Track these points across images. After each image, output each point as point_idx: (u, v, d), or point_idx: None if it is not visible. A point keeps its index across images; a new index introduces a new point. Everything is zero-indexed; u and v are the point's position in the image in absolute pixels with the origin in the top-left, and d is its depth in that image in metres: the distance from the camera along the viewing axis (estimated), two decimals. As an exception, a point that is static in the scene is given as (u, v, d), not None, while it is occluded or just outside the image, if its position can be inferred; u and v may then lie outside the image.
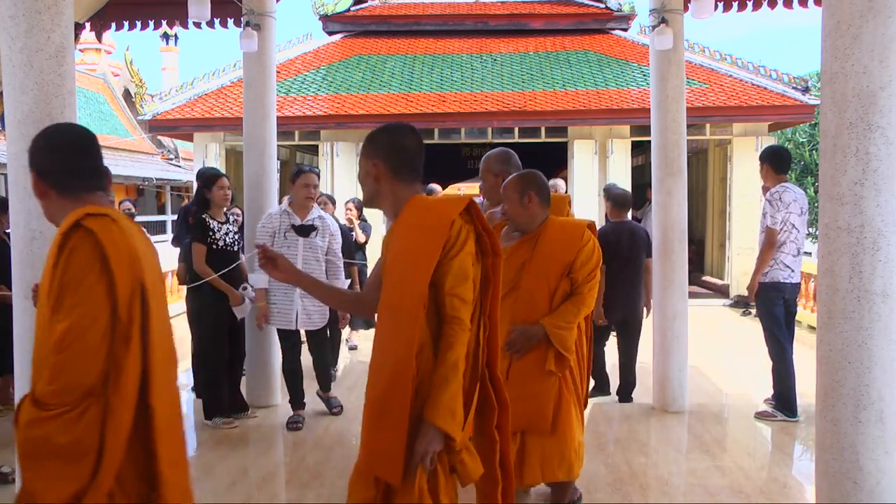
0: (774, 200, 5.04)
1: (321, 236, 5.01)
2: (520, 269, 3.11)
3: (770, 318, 5.15)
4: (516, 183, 3.14)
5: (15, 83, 2.95)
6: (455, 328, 2.09)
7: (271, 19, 5.83)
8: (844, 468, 2.75)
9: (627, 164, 11.56)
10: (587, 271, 3.07)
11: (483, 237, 2.20)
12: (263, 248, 2.37)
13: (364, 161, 2.34)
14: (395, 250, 2.20)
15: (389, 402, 2.08)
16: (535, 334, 3.03)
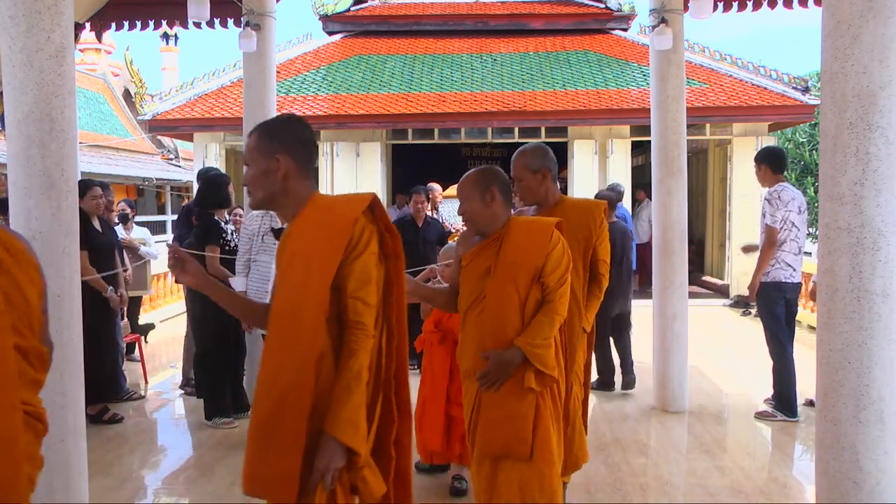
0: (773, 199, 5.04)
1: None
2: (483, 276, 2.75)
3: (771, 317, 5.14)
4: (476, 179, 2.82)
5: (15, 83, 2.95)
6: (358, 334, 1.96)
7: (271, 19, 5.83)
8: (844, 468, 2.75)
9: (627, 164, 11.56)
10: (558, 276, 2.72)
11: (386, 238, 2.09)
12: (173, 249, 2.20)
13: (261, 157, 2.08)
14: (291, 252, 2.05)
15: (283, 417, 1.91)
16: (513, 360, 2.64)
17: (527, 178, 3.27)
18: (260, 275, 4.74)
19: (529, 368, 2.62)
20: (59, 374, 2.96)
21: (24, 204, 2.95)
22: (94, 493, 3.49)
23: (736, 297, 11.23)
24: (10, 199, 3.03)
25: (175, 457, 4.56)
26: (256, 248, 4.74)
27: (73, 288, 3.04)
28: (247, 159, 2.13)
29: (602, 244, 3.32)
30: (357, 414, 1.91)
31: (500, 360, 2.64)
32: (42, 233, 2.94)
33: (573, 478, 4.10)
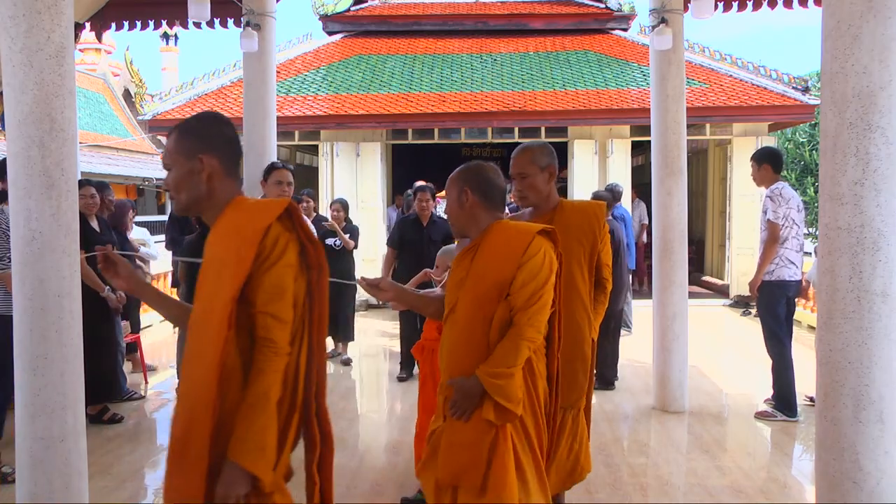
0: (775, 196, 5.05)
1: None
2: (458, 287, 2.50)
3: (772, 316, 5.14)
4: (452, 179, 2.61)
5: (15, 83, 2.95)
6: (266, 352, 1.82)
7: (271, 19, 5.84)
8: (844, 468, 2.75)
9: (627, 164, 11.56)
10: (529, 293, 2.37)
11: (308, 248, 1.93)
12: (104, 252, 2.09)
13: (184, 159, 1.96)
14: (208, 259, 1.94)
15: (190, 438, 1.81)
16: (474, 390, 2.38)
17: (533, 175, 3.10)
18: None
19: (490, 399, 2.36)
20: (59, 374, 2.96)
21: (24, 204, 2.95)
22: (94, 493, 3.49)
23: (736, 297, 11.23)
24: (10, 199, 3.02)
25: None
26: None
27: (73, 288, 3.04)
28: (167, 162, 2.00)
29: (605, 247, 3.21)
30: (263, 437, 1.78)
31: (463, 391, 2.40)
32: (42, 233, 2.94)
33: (573, 478, 4.10)
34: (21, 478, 2.99)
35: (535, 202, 3.17)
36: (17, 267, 2.99)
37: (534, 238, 2.43)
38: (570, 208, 3.19)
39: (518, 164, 3.13)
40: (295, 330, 1.89)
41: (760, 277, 5.12)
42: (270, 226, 1.85)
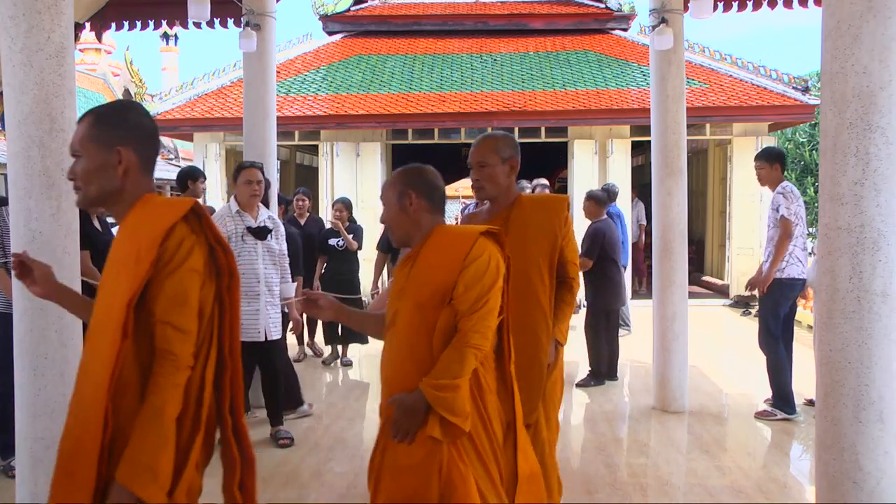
0: (788, 193, 5.07)
1: (275, 238, 4.70)
2: (398, 297, 2.34)
3: (773, 314, 5.13)
4: (392, 182, 2.42)
5: (15, 83, 2.95)
6: (165, 365, 1.68)
7: (271, 19, 5.84)
8: (844, 468, 2.75)
9: (627, 164, 11.56)
10: (474, 297, 2.20)
11: (217, 252, 1.80)
12: (18, 256, 1.99)
13: (98, 148, 1.80)
14: (110, 262, 1.81)
15: (79, 455, 1.68)
16: (417, 406, 2.19)
17: (493, 166, 2.90)
18: (244, 279, 4.43)
19: (435, 414, 2.17)
20: (59, 375, 2.96)
21: (24, 204, 2.95)
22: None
23: (736, 296, 11.23)
24: (10, 199, 3.02)
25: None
26: (236, 251, 4.44)
27: (73, 288, 3.04)
28: (76, 149, 1.83)
29: (569, 244, 2.98)
30: (156, 458, 1.64)
31: (405, 407, 2.20)
32: (42, 233, 2.94)
33: (572, 478, 4.10)
34: (21, 478, 2.99)
35: (493, 195, 2.96)
36: (17, 267, 2.98)
37: (477, 240, 2.27)
38: (528, 204, 3.00)
39: (478, 153, 2.93)
40: (201, 341, 1.76)
41: (772, 274, 5.07)
42: (174, 227, 1.71)
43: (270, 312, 4.64)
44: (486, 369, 2.31)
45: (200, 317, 1.75)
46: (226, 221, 4.55)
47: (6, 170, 3.12)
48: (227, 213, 4.61)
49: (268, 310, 4.62)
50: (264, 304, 4.59)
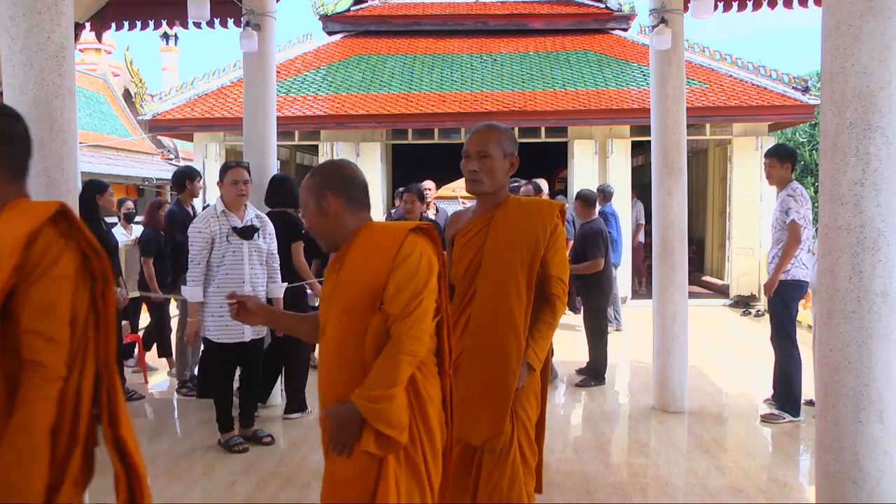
0: (798, 196, 5.02)
1: (262, 238, 4.63)
2: (327, 304, 2.19)
3: (787, 316, 5.13)
4: (307, 185, 2.24)
5: (15, 83, 2.95)
6: (34, 377, 1.58)
7: (271, 19, 5.84)
8: (844, 468, 2.75)
9: (627, 164, 11.56)
10: (405, 300, 2.04)
11: (90, 257, 1.71)
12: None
13: None
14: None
15: None
16: (352, 418, 2.05)
17: (496, 159, 2.66)
18: (229, 280, 4.46)
19: (370, 427, 2.04)
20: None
21: (24, 204, 2.95)
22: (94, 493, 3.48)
23: (736, 296, 11.23)
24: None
25: (175, 457, 4.56)
26: (221, 252, 4.46)
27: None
28: None
29: (556, 255, 2.65)
30: (22, 476, 1.55)
31: (339, 420, 2.08)
32: (42, 233, 2.94)
33: (572, 478, 4.10)
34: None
35: (489, 190, 2.69)
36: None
37: (406, 237, 2.10)
38: (515, 206, 2.72)
39: (480, 141, 2.65)
40: (74, 350, 1.66)
41: (777, 279, 5.06)
42: (38, 231, 1.60)
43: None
44: (426, 376, 2.15)
45: (73, 325, 1.66)
46: (210, 222, 4.49)
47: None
48: (212, 214, 4.55)
49: None
50: None
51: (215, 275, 4.49)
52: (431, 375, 2.18)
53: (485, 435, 2.59)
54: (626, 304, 11.17)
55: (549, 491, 3.92)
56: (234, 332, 4.51)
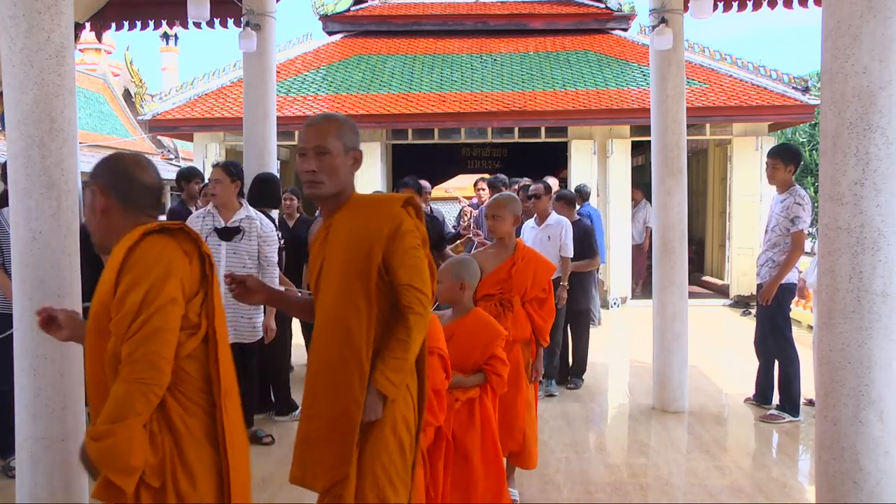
0: (806, 203, 4.99)
1: (247, 239, 4.46)
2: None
3: (784, 319, 5.18)
4: (88, 179, 2.05)
5: (15, 83, 2.95)
6: None
7: (271, 19, 5.84)
8: (844, 468, 2.75)
9: (627, 164, 11.56)
10: (128, 317, 1.77)
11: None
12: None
13: None
14: None
15: None
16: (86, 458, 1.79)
17: (336, 155, 2.31)
18: None
19: None
20: (59, 375, 2.96)
21: (24, 204, 2.95)
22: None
23: (736, 297, 11.23)
24: (11, 199, 3.02)
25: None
26: None
27: (73, 288, 3.04)
28: None
29: (404, 260, 2.19)
30: None
31: (82, 459, 1.81)
32: (42, 233, 2.94)
33: (572, 478, 4.11)
34: (21, 478, 3.00)
35: (331, 191, 2.30)
36: (17, 267, 2.99)
37: (139, 241, 1.84)
38: (355, 206, 2.34)
39: (318, 135, 2.28)
40: None
41: (777, 286, 5.03)
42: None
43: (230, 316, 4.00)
44: (185, 408, 1.86)
45: None
46: (195, 221, 4.47)
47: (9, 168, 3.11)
48: (202, 213, 4.56)
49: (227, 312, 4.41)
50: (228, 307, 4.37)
51: None
52: (196, 406, 1.89)
53: (324, 481, 2.15)
54: (627, 304, 11.18)
55: (549, 491, 3.92)
56: None
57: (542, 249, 5.40)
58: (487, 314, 3.26)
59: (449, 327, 3.02)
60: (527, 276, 3.69)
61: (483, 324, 3.14)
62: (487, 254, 3.80)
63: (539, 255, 3.92)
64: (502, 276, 3.68)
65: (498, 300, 3.67)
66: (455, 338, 2.98)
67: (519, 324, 3.65)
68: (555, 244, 5.76)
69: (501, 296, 3.67)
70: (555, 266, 3.87)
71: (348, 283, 2.18)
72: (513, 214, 3.69)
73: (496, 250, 3.78)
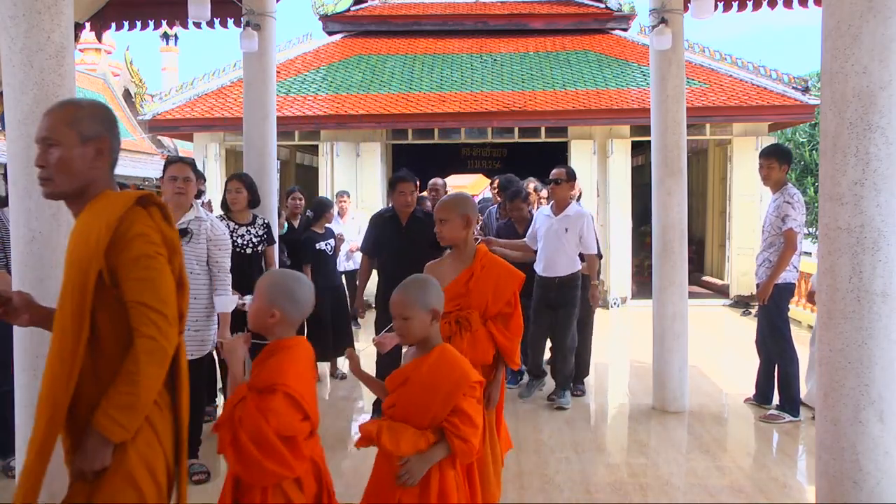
0: (795, 202, 5.05)
1: (195, 242, 4.08)
2: None
3: (783, 319, 5.20)
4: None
5: (15, 83, 2.95)
6: None
7: (271, 19, 5.84)
8: (844, 468, 2.75)
9: (627, 164, 11.56)
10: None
11: None
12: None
13: None
14: None
15: None
16: None
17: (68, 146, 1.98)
18: None
19: None
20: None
21: (24, 204, 2.95)
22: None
23: (736, 297, 11.23)
24: (10, 199, 3.03)
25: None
26: None
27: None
28: None
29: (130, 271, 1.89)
30: None
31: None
32: (42, 233, 2.94)
33: (572, 478, 4.11)
34: (21, 478, 2.99)
35: (65, 189, 2.01)
36: (17, 267, 2.99)
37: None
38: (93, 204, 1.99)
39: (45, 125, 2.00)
40: None
41: (772, 285, 5.08)
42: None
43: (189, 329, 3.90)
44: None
45: None
46: None
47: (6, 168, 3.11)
48: None
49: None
50: None
51: None
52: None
53: None
54: (626, 303, 11.18)
55: (549, 491, 3.92)
56: None
57: (556, 241, 5.36)
58: (456, 353, 2.49)
59: (405, 369, 2.44)
60: (486, 289, 3.14)
61: (446, 365, 2.39)
62: (441, 265, 3.28)
63: (502, 263, 3.29)
64: (459, 290, 3.14)
65: (454, 318, 3.10)
66: (410, 383, 2.38)
67: (478, 345, 3.09)
68: (572, 238, 5.34)
69: (458, 313, 3.11)
70: (523, 276, 3.26)
71: (65, 298, 1.89)
72: (462, 217, 3.17)
73: (451, 260, 3.27)
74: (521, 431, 4.92)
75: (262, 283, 2.30)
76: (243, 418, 2.09)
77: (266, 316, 2.24)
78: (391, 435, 2.30)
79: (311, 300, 2.33)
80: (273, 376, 2.14)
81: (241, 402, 2.14)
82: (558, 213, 5.42)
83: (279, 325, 2.26)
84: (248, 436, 2.06)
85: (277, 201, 6.00)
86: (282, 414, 2.10)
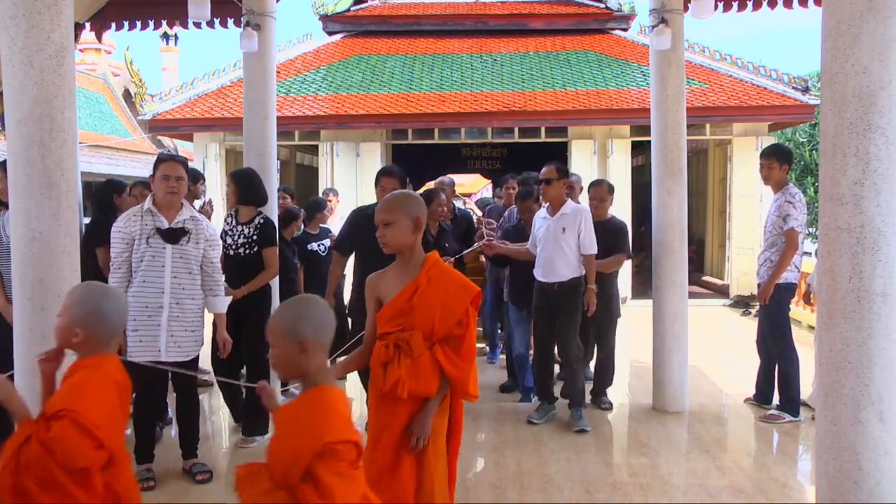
0: (797, 202, 5.04)
1: (195, 242, 4.01)
2: None
3: (783, 319, 5.19)
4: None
5: (15, 83, 2.95)
6: None
7: (271, 19, 5.83)
8: (844, 468, 2.75)
9: (627, 164, 11.56)
10: None
11: None
12: None
13: None
14: None
15: None
16: None
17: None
18: (146, 287, 3.90)
19: None
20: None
21: (24, 204, 2.95)
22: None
23: (736, 296, 11.23)
24: (10, 199, 3.03)
25: (175, 456, 4.55)
26: (140, 255, 3.88)
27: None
28: None
29: None
30: None
31: None
32: (42, 233, 2.94)
33: (572, 478, 4.10)
34: (21, 478, 2.99)
35: None
36: (17, 267, 2.99)
37: None
38: None
39: None
40: None
41: (773, 285, 5.07)
42: None
43: (175, 329, 3.94)
44: None
45: None
46: (132, 221, 3.93)
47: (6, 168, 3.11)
48: (137, 212, 3.98)
49: (171, 325, 3.92)
50: (166, 320, 3.90)
51: (133, 281, 3.92)
52: None
53: None
54: (626, 304, 11.18)
55: (549, 491, 3.92)
56: (151, 350, 3.89)
57: (553, 243, 4.92)
58: (333, 397, 1.91)
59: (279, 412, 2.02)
60: (433, 305, 2.63)
61: (309, 412, 1.87)
62: (384, 276, 2.78)
63: (453, 274, 2.80)
64: (401, 307, 2.64)
65: (393, 340, 2.61)
66: (274, 433, 1.97)
67: (420, 374, 2.60)
68: (571, 239, 4.92)
69: (399, 334, 2.62)
70: (477, 289, 2.75)
71: None
72: (411, 218, 2.66)
73: (395, 270, 2.75)
74: (521, 431, 4.92)
75: (66, 300, 2.19)
76: (30, 461, 1.92)
77: (70, 336, 2.14)
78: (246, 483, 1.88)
79: (122, 315, 2.24)
80: (63, 401, 2.01)
81: (26, 442, 1.94)
82: (554, 214, 5.02)
83: (84, 344, 2.15)
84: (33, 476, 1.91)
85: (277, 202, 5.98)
86: (69, 442, 1.94)
